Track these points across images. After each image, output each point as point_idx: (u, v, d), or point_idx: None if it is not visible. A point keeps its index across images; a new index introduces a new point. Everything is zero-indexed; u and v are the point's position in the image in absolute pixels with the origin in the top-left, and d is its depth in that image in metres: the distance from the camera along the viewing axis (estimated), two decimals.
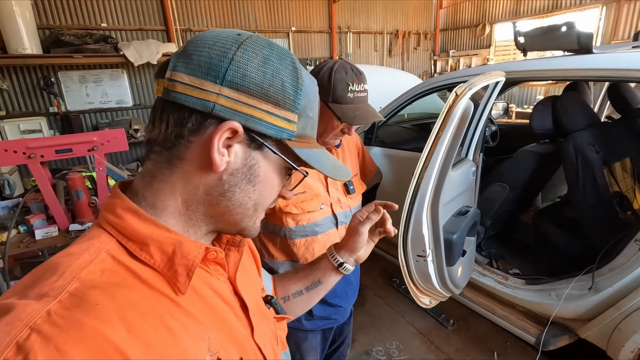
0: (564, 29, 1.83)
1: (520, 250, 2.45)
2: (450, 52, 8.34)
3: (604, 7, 5.79)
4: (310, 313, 1.26)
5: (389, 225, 0.75)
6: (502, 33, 7.54)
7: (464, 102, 1.27)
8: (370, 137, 2.72)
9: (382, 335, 2.45)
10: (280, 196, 0.54)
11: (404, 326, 2.54)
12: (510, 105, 6.62)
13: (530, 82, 6.66)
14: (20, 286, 0.37)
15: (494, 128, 2.95)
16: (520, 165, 2.13)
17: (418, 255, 1.52)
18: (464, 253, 1.79)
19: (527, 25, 5.34)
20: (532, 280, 1.99)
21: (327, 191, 1.20)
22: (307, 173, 0.51)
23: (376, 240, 0.79)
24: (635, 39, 1.98)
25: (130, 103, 5.41)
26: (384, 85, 3.28)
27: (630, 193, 1.91)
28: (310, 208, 1.15)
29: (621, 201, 1.86)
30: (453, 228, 1.56)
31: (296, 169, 0.49)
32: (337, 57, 7.02)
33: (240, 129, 0.42)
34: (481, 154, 2.11)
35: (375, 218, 0.74)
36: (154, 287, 0.40)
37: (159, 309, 0.39)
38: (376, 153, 2.67)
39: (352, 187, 1.26)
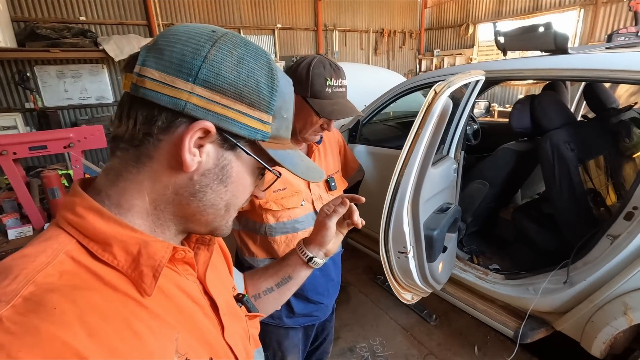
0: (541, 29, 1.87)
1: (500, 246, 2.50)
2: (435, 51, 8.44)
3: (582, 10, 5.96)
4: (291, 310, 1.26)
5: (356, 217, 0.76)
6: (485, 33, 7.67)
7: (443, 100, 1.29)
8: (355, 134, 2.73)
9: (366, 332, 2.47)
10: (253, 196, 0.53)
11: (388, 322, 2.57)
12: (492, 105, 6.76)
13: (512, 82, 6.80)
14: None
15: (475, 126, 3.00)
16: (500, 162, 2.18)
17: (399, 252, 1.53)
18: (444, 249, 1.81)
19: (509, 25, 5.46)
20: (510, 275, 2.03)
21: (309, 188, 1.20)
22: (280, 174, 0.51)
23: (345, 232, 0.79)
24: (608, 40, 2.05)
25: (111, 99, 5.28)
26: (368, 83, 3.29)
27: (603, 190, 1.98)
28: (291, 205, 1.15)
29: (595, 197, 1.92)
30: (434, 225, 1.58)
31: (269, 170, 0.49)
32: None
33: (213, 129, 0.41)
34: (462, 152, 2.14)
35: (342, 211, 0.74)
36: (117, 289, 0.39)
37: (124, 311, 0.38)
38: (360, 151, 2.68)
39: (333, 184, 1.26)
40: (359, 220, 0.76)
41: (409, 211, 1.46)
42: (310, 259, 0.76)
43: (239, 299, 0.63)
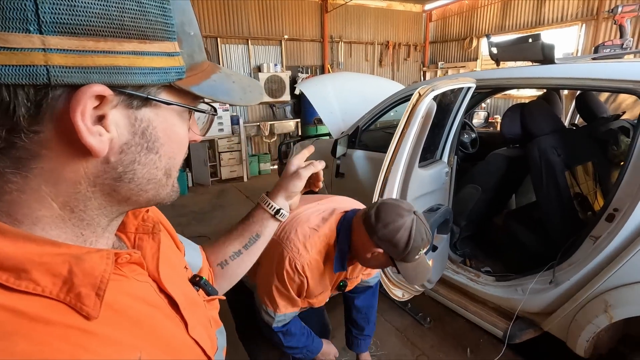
0: (530, 40, 1.97)
1: (493, 250, 2.56)
2: (439, 63, 8.57)
3: (584, 25, 6.06)
4: None
5: (321, 178, 0.77)
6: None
7: (427, 102, 1.38)
8: (354, 140, 2.83)
9: None
10: (193, 141, 0.45)
11: (382, 324, 2.61)
12: (495, 116, 6.83)
13: (514, 95, 6.88)
14: None
15: (473, 135, 3.08)
16: (491, 167, 2.25)
17: None
18: (435, 248, 1.88)
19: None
20: (500, 277, 2.09)
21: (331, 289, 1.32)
22: (215, 110, 0.44)
23: (303, 190, 0.78)
24: (595, 52, 2.14)
25: None
26: (368, 91, 3.40)
27: (591, 195, 2.04)
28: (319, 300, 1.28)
29: (582, 202, 1.98)
30: None
31: (202, 112, 0.42)
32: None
33: (107, 91, 0.30)
34: (455, 157, 2.23)
35: (320, 167, 0.75)
36: (50, 322, 0.30)
37: (66, 349, 0.30)
38: (359, 156, 2.77)
39: (342, 284, 1.35)
40: (321, 184, 0.78)
41: None
42: (278, 211, 0.73)
43: (196, 282, 0.56)
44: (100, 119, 0.31)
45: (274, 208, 0.73)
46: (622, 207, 1.52)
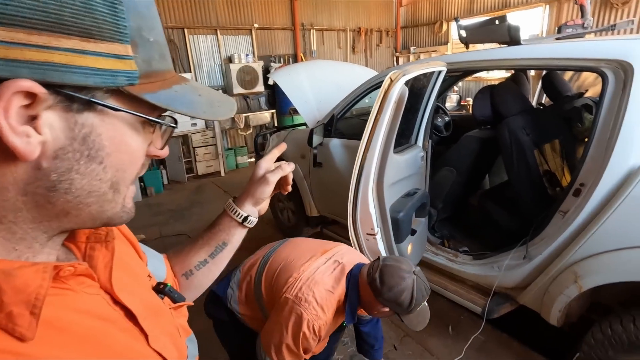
0: (496, 22, 1.99)
1: (470, 230, 2.63)
2: (411, 48, 8.62)
3: (547, 6, 6.23)
4: None
5: (290, 182, 0.73)
6: None
7: (399, 87, 1.38)
8: (330, 129, 2.81)
9: None
10: (154, 156, 0.41)
11: None
12: (467, 99, 6.97)
13: (485, 77, 7.03)
14: None
15: (447, 119, 3.13)
16: (464, 150, 2.30)
17: (368, 234, 1.62)
18: (413, 232, 1.91)
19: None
20: (477, 256, 2.16)
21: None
22: (176, 122, 0.40)
23: (273, 193, 0.74)
24: (558, 31, 2.20)
25: None
26: (342, 79, 3.38)
27: (559, 171, 2.12)
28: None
29: (551, 179, 2.06)
30: (399, 207, 1.67)
31: (159, 123, 0.38)
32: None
33: (39, 88, 0.27)
34: (430, 141, 2.25)
35: (289, 169, 0.71)
36: None
37: None
38: (335, 144, 2.76)
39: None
40: (289, 187, 0.74)
41: (374, 193, 1.55)
42: (245, 218, 0.69)
43: (160, 289, 0.52)
44: (32, 119, 0.28)
45: (241, 215, 0.69)
46: (587, 181, 1.59)
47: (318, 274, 1.26)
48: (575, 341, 2.16)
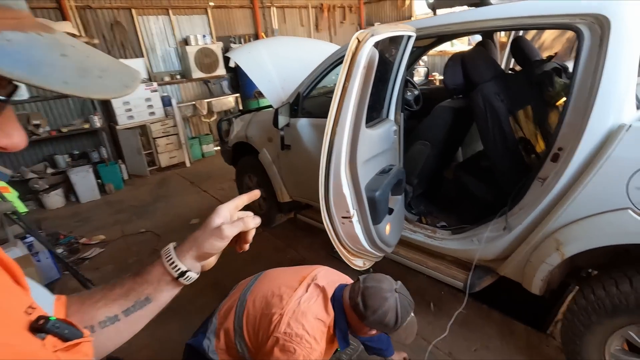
0: None
1: (446, 204, 2.57)
2: (375, 24, 8.45)
3: None
4: None
5: (249, 240, 0.60)
6: (422, 5, 7.78)
7: (368, 49, 1.22)
8: (296, 109, 2.64)
9: None
10: (1, 148, 0.33)
11: None
12: (433, 74, 6.94)
13: (450, 51, 7.00)
14: None
15: (416, 92, 3.02)
16: (437, 121, 2.20)
17: (343, 217, 1.49)
18: (390, 211, 1.81)
19: None
20: (456, 230, 2.09)
21: None
22: (6, 97, 0.29)
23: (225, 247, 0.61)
24: None
25: (26, 95, 4.69)
26: (306, 56, 3.18)
27: (533, 138, 2.07)
28: None
29: (526, 145, 2.00)
30: (375, 186, 1.55)
31: None
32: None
33: None
34: (402, 114, 2.13)
35: (252, 225, 0.58)
36: None
37: None
38: (303, 124, 2.59)
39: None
40: (247, 246, 0.61)
41: (347, 172, 1.41)
42: (183, 273, 0.55)
43: (40, 327, 0.37)
44: None
45: (178, 269, 0.54)
46: (566, 145, 1.52)
47: (303, 303, 1.22)
48: (552, 306, 2.19)
